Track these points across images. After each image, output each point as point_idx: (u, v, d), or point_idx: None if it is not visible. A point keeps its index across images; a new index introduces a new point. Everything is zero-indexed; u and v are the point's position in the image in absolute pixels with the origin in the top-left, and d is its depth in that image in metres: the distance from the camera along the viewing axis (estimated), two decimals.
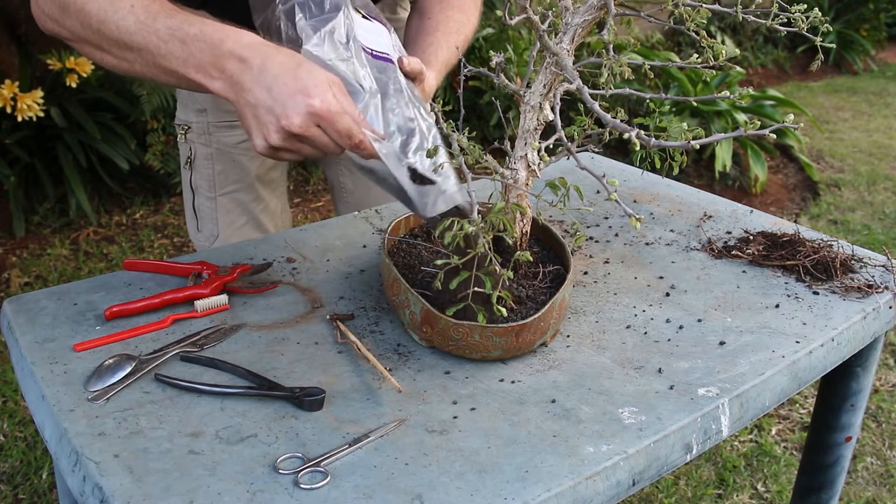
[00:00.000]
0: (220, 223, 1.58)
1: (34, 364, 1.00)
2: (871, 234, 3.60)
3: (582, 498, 0.84)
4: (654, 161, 1.06)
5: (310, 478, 0.83)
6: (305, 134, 0.99)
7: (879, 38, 6.81)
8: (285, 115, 0.97)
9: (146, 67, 1.05)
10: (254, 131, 1.01)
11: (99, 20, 1.03)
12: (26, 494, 2.03)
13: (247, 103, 1.00)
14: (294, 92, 0.97)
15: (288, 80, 0.98)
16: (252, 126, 1.01)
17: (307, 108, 0.97)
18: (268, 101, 0.98)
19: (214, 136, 1.54)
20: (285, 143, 1.00)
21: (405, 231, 1.24)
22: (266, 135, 1.00)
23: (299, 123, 0.97)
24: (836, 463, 1.39)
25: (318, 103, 0.97)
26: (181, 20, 1.02)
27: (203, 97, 1.52)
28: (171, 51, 1.01)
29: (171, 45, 1.01)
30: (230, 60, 0.99)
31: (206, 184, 1.57)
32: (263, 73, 0.98)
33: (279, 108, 0.97)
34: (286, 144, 1.00)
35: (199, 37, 1.00)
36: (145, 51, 1.03)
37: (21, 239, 3.24)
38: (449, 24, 1.37)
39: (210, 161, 1.55)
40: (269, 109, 0.98)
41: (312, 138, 1.00)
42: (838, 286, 1.22)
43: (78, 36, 1.08)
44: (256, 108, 0.99)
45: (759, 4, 1.00)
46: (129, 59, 1.06)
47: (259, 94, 0.98)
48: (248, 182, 1.57)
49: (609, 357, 1.05)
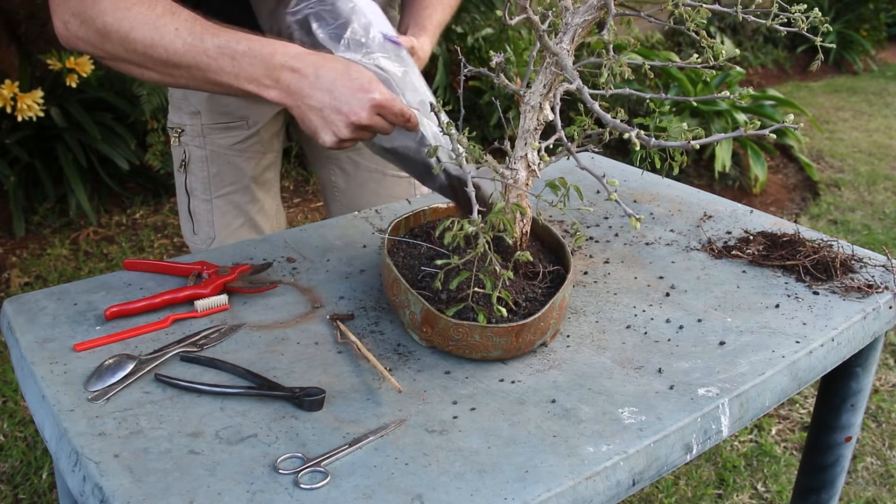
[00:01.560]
0: (217, 225, 1.58)
1: (34, 364, 1.00)
2: (871, 234, 3.60)
3: (582, 498, 0.84)
4: (654, 161, 1.07)
5: (310, 478, 0.83)
6: (371, 123, 1.11)
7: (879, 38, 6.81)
8: (353, 112, 1.09)
9: (193, 81, 1.15)
10: (322, 130, 1.12)
11: (146, 45, 1.11)
12: (26, 494, 2.03)
13: (310, 108, 1.11)
14: (354, 90, 1.09)
15: (345, 81, 1.10)
16: (319, 126, 1.12)
17: (370, 102, 1.10)
18: (333, 103, 1.10)
19: (209, 138, 1.54)
20: (353, 134, 1.12)
21: (405, 231, 1.24)
22: (336, 131, 1.11)
23: (366, 116, 1.10)
24: (836, 463, 1.39)
25: (378, 96, 1.10)
26: (227, 38, 1.11)
27: (198, 100, 1.52)
28: (222, 67, 1.11)
29: (221, 62, 1.11)
30: (283, 72, 1.10)
31: (201, 186, 1.57)
32: (319, 78, 1.10)
33: (346, 107, 1.09)
34: (354, 135, 1.12)
35: (249, 52, 1.10)
36: (195, 68, 1.12)
37: (21, 239, 3.24)
38: None
39: (205, 163, 1.56)
40: (335, 109, 1.10)
41: (375, 125, 1.12)
42: (838, 286, 1.22)
43: (119, 58, 1.15)
44: (322, 110, 1.10)
45: (759, 4, 1.00)
46: (175, 75, 1.15)
47: (322, 98, 1.10)
48: (244, 184, 1.57)
49: (609, 357, 1.05)
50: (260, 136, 1.56)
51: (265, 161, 1.59)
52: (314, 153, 1.71)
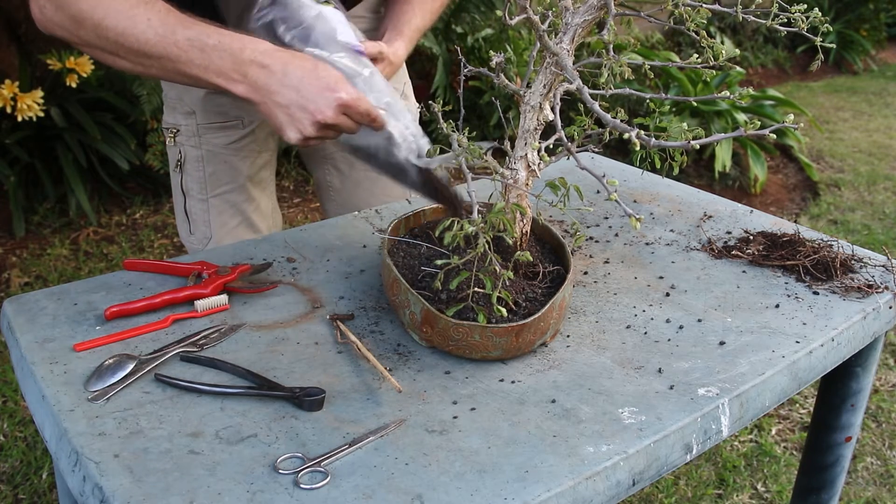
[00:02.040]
0: (213, 225, 1.58)
1: (34, 364, 1.00)
2: (871, 234, 3.60)
3: (582, 498, 0.84)
4: (654, 161, 1.07)
5: (310, 478, 0.83)
6: (336, 122, 1.12)
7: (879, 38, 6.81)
8: (319, 111, 1.11)
9: (164, 72, 1.16)
10: (287, 127, 1.13)
11: (117, 33, 1.12)
12: (26, 494, 2.03)
13: (277, 104, 1.12)
14: (321, 89, 1.11)
15: (312, 80, 1.11)
16: (285, 123, 1.13)
17: (336, 101, 1.11)
18: (299, 101, 1.11)
19: (204, 137, 1.54)
20: (319, 132, 1.13)
21: (405, 231, 1.24)
22: (302, 129, 1.12)
23: (331, 115, 1.11)
24: (836, 463, 1.39)
25: (344, 95, 1.11)
26: (199, 31, 1.12)
27: (192, 99, 1.52)
28: (192, 59, 1.12)
29: (190, 54, 1.12)
30: (251, 67, 1.11)
31: (197, 186, 1.57)
32: (287, 76, 1.11)
33: (312, 105, 1.11)
34: (319, 134, 1.13)
35: (219, 46, 1.11)
36: (165, 59, 1.13)
37: (21, 239, 3.24)
38: None
39: (201, 163, 1.56)
40: (301, 107, 1.11)
41: (341, 124, 1.13)
42: (838, 286, 1.22)
43: (92, 44, 1.16)
44: (289, 107, 1.11)
45: (759, 4, 1.00)
46: (146, 65, 1.16)
47: (289, 95, 1.11)
48: (240, 183, 1.57)
49: (609, 357, 1.05)
50: (255, 135, 1.56)
51: (260, 160, 1.59)
52: (310, 153, 1.71)
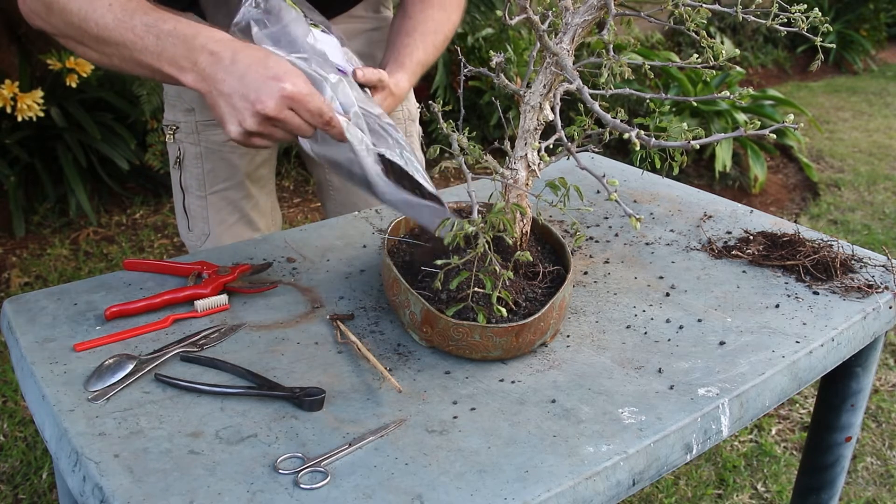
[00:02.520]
0: (211, 222, 1.59)
1: (34, 364, 1.00)
2: (871, 234, 3.60)
3: (582, 498, 0.84)
4: (654, 161, 1.07)
5: (310, 478, 0.83)
6: (279, 116, 1.04)
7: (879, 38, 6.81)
8: (259, 101, 1.03)
9: (123, 62, 1.11)
10: (228, 118, 1.06)
11: (80, 18, 1.10)
12: (26, 494, 2.03)
13: (220, 93, 1.05)
14: (266, 78, 1.03)
15: (259, 68, 1.04)
16: (226, 114, 1.06)
17: (280, 92, 1.03)
18: (241, 89, 1.03)
19: (203, 134, 1.55)
20: (260, 127, 1.05)
21: (405, 231, 1.24)
22: (241, 120, 1.05)
23: (273, 106, 1.03)
24: (836, 463, 1.39)
25: (289, 87, 1.03)
26: (156, 17, 1.08)
27: (191, 97, 1.53)
28: (146, 45, 1.07)
29: (146, 41, 1.07)
30: (202, 54, 1.06)
31: (195, 183, 1.58)
32: (235, 63, 1.04)
33: (253, 94, 1.03)
34: (261, 129, 1.05)
35: (173, 32, 1.06)
36: (122, 46, 1.09)
37: (21, 239, 3.24)
38: (427, 24, 1.42)
39: (199, 160, 1.56)
40: (243, 96, 1.04)
41: (285, 121, 1.05)
42: (838, 286, 1.22)
43: (62, 32, 1.14)
44: (231, 96, 1.04)
45: (759, 4, 1.00)
46: (108, 54, 1.12)
47: (232, 83, 1.04)
48: (239, 180, 1.58)
49: (609, 357, 1.05)
50: None
51: (259, 157, 1.60)
52: None
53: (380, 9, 1.60)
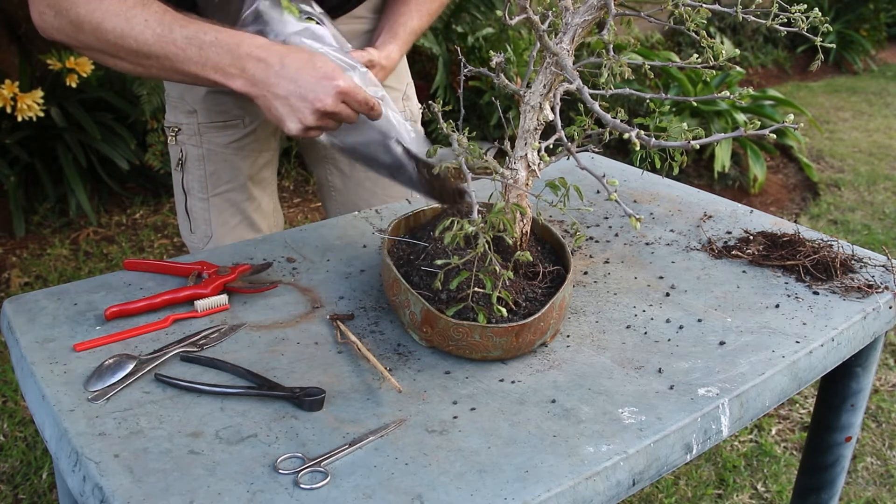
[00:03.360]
0: (214, 224, 1.58)
1: (34, 364, 1.00)
2: (871, 234, 3.60)
3: (582, 498, 0.84)
4: (654, 161, 1.07)
5: (310, 478, 0.83)
6: (336, 110, 1.14)
7: (879, 38, 6.81)
8: (318, 99, 1.13)
9: (163, 71, 1.18)
10: (287, 118, 1.15)
11: (117, 35, 1.14)
12: (26, 494, 2.03)
13: (276, 96, 1.14)
14: (319, 78, 1.13)
15: (309, 70, 1.13)
16: (284, 114, 1.15)
17: (335, 89, 1.13)
18: (298, 90, 1.13)
19: (205, 136, 1.54)
20: (319, 121, 1.15)
21: (405, 231, 1.24)
22: (302, 118, 1.14)
23: (331, 102, 1.13)
24: (836, 463, 1.39)
25: (342, 83, 1.14)
26: (196, 29, 1.15)
27: (193, 98, 1.53)
28: (190, 56, 1.15)
29: (189, 52, 1.14)
30: (249, 61, 1.14)
31: (198, 185, 1.57)
32: (285, 67, 1.13)
33: (311, 94, 1.13)
34: (320, 123, 1.16)
35: (216, 42, 1.14)
36: (164, 58, 1.15)
37: (21, 239, 3.24)
38: None
39: (202, 162, 1.56)
40: (300, 97, 1.13)
41: (340, 113, 1.15)
42: (838, 286, 1.22)
43: (92, 48, 1.18)
44: (288, 98, 1.14)
45: (759, 4, 1.00)
46: (147, 66, 1.18)
47: (288, 86, 1.13)
48: (241, 182, 1.58)
49: (609, 357, 1.05)
50: (256, 134, 1.56)
51: (262, 160, 1.59)
52: (311, 153, 1.71)
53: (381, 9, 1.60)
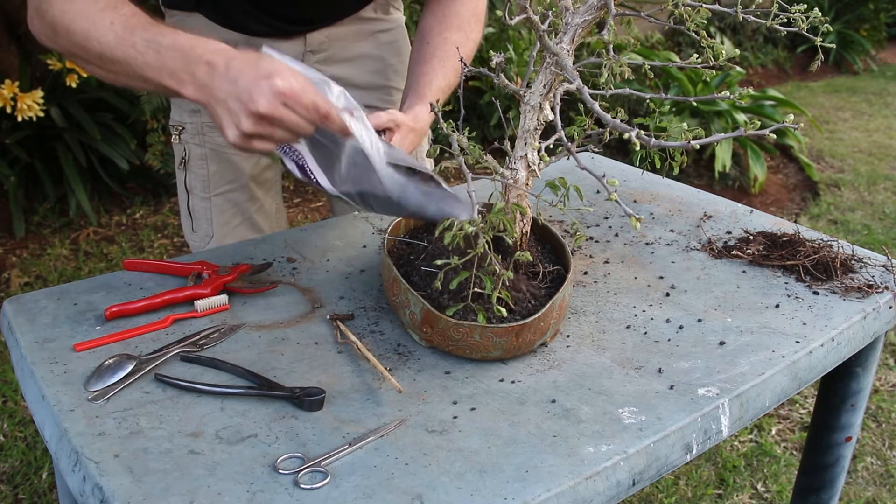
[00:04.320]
0: (215, 223, 1.58)
1: (34, 364, 1.00)
2: (871, 234, 3.60)
3: (582, 498, 0.84)
4: (654, 161, 1.07)
5: (310, 478, 0.83)
6: (274, 114, 1.03)
7: (879, 38, 6.81)
8: (252, 100, 1.02)
9: (128, 78, 1.13)
10: (225, 123, 1.05)
11: (83, 37, 1.11)
12: (26, 494, 2.03)
13: (217, 100, 1.05)
14: (257, 78, 1.03)
15: (250, 70, 1.03)
16: (223, 119, 1.05)
17: (271, 89, 1.02)
18: (234, 92, 1.03)
19: (208, 136, 1.54)
20: (256, 127, 1.04)
21: (405, 231, 1.24)
22: (237, 123, 1.04)
23: (266, 104, 1.02)
24: (836, 463, 1.39)
25: (280, 83, 1.02)
26: (155, 32, 1.09)
27: None
28: (148, 61, 1.08)
29: (146, 56, 1.08)
30: (199, 66, 1.06)
31: (200, 184, 1.57)
32: (229, 69, 1.04)
33: (245, 95, 1.02)
34: (257, 129, 1.04)
35: (172, 46, 1.07)
36: (125, 63, 1.10)
37: (21, 239, 3.24)
38: (446, 48, 1.43)
39: (204, 161, 1.56)
40: (236, 98, 1.03)
41: (282, 118, 1.04)
42: (838, 286, 1.22)
43: (69, 52, 1.16)
44: (226, 101, 1.04)
45: (759, 4, 1.00)
46: (114, 71, 1.13)
47: (226, 88, 1.04)
48: (243, 182, 1.57)
49: (609, 357, 1.05)
50: None
51: (264, 160, 1.59)
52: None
53: (389, 10, 1.59)
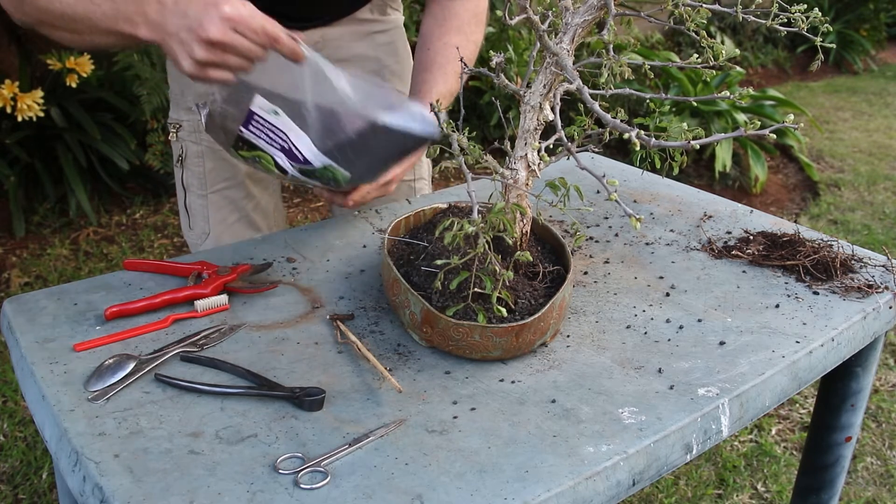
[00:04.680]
0: (212, 220, 1.59)
1: (34, 364, 1.00)
2: (871, 234, 3.60)
3: (582, 498, 0.84)
4: (654, 161, 1.07)
5: (310, 478, 0.83)
6: (224, 40, 1.06)
7: (879, 38, 6.81)
8: (202, 27, 1.05)
9: (92, 35, 1.15)
10: (180, 55, 1.08)
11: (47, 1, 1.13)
12: (26, 494, 2.03)
13: (169, 34, 1.08)
14: (206, 6, 1.06)
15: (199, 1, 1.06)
16: (177, 51, 1.08)
17: (219, 16, 1.05)
18: (185, 23, 1.06)
19: (204, 133, 1.54)
20: (209, 55, 1.07)
21: (405, 231, 1.24)
22: (190, 52, 1.07)
23: (215, 30, 1.05)
24: (836, 463, 1.39)
25: (228, 9, 1.05)
26: None
27: (194, 95, 1.53)
28: (105, 11, 1.10)
29: (103, 7, 1.10)
30: (150, 5, 1.08)
31: (197, 182, 1.58)
32: (177, 3, 1.07)
33: (195, 24, 1.06)
34: (210, 56, 1.07)
35: None
36: (86, 18, 1.12)
37: (21, 239, 3.24)
38: (446, 53, 1.44)
39: (201, 159, 1.57)
40: (187, 29, 1.06)
41: (233, 44, 1.07)
42: (838, 286, 1.22)
43: (37, 19, 1.17)
44: (177, 34, 1.07)
45: (759, 4, 1.00)
46: (78, 30, 1.15)
47: (176, 21, 1.07)
48: (239, 179, 1.58)
49: (609, 357, 1.05)
50: None
51: None
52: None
53: (387, 11, 1.59)
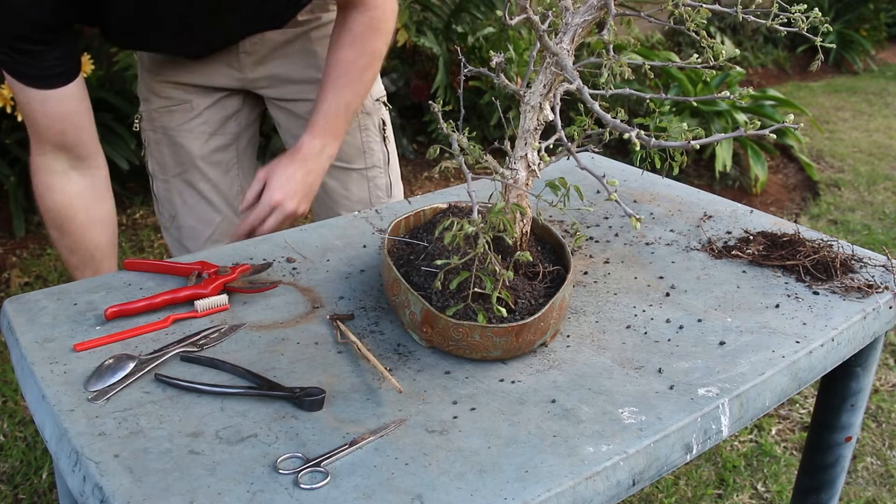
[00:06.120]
0: (176, 202, 1.68)
1: (34, 364, 1.00)
2: (871, 234, 3.60)
3: (582, 498, 0.84)
4: (654, 161, 1.07)
5: (310, 478, 0.83)
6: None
7: (879, 38, 6.81)
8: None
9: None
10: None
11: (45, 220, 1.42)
12: (26, 494, 2.03)
13: None
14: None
15: None
16: None
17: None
18: None
19: (157, 121, 1.64)
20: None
21: (405, 231, 1.24)
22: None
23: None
24: (836, 463, 1.39)
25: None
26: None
27: (146, 87, 1.63)
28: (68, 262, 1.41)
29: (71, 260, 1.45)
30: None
31: (158, 168, 1.68)
32: None
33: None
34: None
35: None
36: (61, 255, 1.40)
37: (21, 239, 3.24)
38: (336, 68, 1.49)
39: (159, 146, 1.66)
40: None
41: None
42: (838, 286, 1.22)
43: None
44: None
45: (759, 4, 1.00)
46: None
47: None
48: (192, 163, 1.66)
49: (609, 357, 1.05)
50: (204, 117, 1.64)
51: (213, 142, 1.67)
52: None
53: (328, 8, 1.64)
